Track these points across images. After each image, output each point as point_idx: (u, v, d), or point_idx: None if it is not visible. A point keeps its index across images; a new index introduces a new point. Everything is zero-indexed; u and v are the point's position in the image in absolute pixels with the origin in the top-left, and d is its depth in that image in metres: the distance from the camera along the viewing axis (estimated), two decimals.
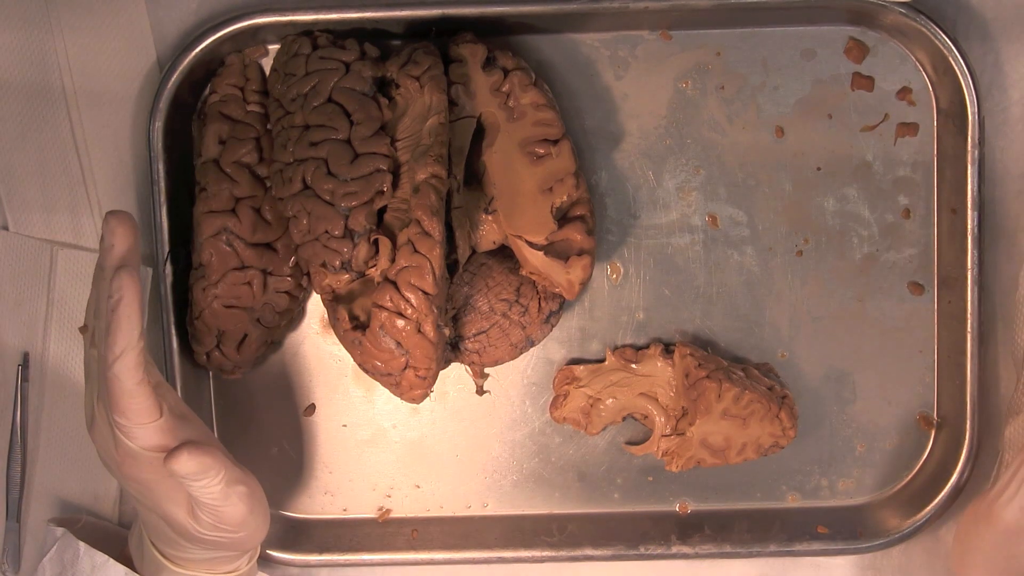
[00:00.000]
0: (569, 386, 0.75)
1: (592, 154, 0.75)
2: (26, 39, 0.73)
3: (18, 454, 0.73)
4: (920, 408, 0.76)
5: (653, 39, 0.74)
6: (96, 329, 0.59)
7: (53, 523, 0.73)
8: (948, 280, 0.74)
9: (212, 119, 0.71)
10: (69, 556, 0.70)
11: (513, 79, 0.69)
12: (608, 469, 0.77)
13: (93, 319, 0.60)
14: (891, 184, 0.75)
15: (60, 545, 0.70)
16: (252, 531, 0.64)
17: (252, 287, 0.70)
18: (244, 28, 0.71)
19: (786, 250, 0.75)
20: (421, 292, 0.64)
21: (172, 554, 0.65)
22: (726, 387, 0.70)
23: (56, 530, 0.71)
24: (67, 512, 0.76)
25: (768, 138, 0.75)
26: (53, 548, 0.71)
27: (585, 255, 0.69)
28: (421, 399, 0.68)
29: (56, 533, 0.71)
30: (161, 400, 0.59)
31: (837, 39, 0.74)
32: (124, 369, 0.56)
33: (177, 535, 0.63)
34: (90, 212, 0.74)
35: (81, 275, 0.74)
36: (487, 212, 0.70)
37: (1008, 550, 0.62)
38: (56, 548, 0.71)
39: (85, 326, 0.61)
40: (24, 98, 0.73)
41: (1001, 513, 0.61)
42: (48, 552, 0.71)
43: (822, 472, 0.77)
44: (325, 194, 0.65)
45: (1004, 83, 0.74)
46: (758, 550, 0.75)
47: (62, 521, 0.73)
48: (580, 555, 0.75)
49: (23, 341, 0.74)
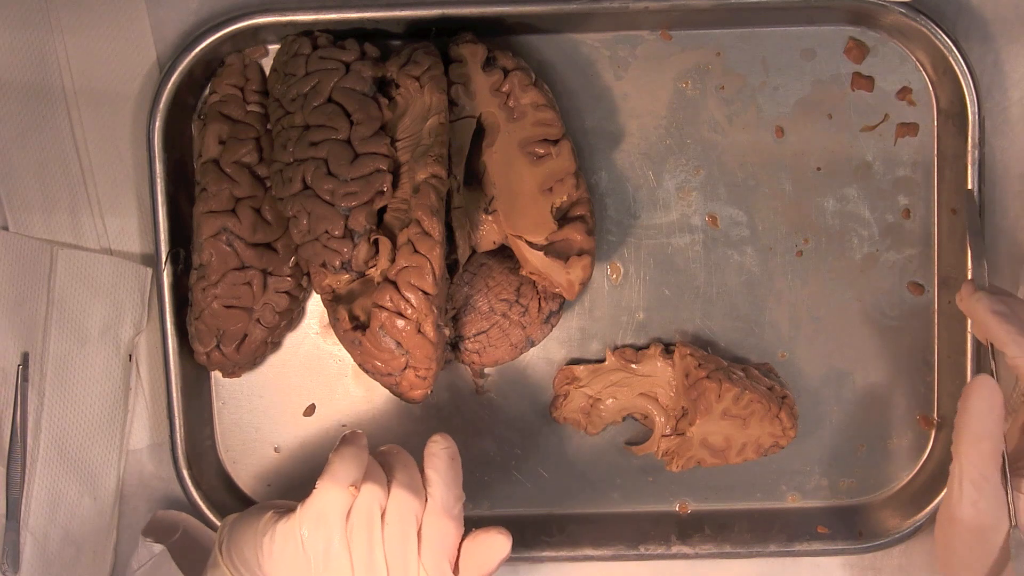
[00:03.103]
0: (569, 386, 0.75)
1: (592, 154, 0.75)
2: (26, 39, 0.73)
3: (18, 454, 0.73)
4: (920, 408, 0.76)
5: (653, 39, 0.74)
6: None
7: (150, 536, 0.73)
8: (948, 280, 0.75)
9: (212, 119, 0.71)
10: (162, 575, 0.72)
11: (513, 79, 0.69)
12: (608, 469, 0.77)
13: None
14: (891, 184, 0.75)
15: (156, 562, 0.72)
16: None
17: (252, 287, 0.70)
18: (244, 28, 0.71)
19: (786, 250, 0.75)
20: (421, 292, 0.64)
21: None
22: (726, 387, 0.70)
23: (154, 547, 0.72)
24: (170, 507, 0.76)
25: (768, 138, 0.75)
26: (148, 564, 0.72)
27: (585, 255, 0.69)
28: (421, 399, 0.68)
29: (153, 550, 0.72)
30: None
31: (837, 39, 0.74)
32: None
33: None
34: (90, 212, 0.74)
35: (81, 275, 0.74)
36: (487, 212, 0.70)
37: (978, 546, 0.63)
38: (151, 564, 0.72)
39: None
40: (24, 98, 0.73)
41: (958, 514, 0.63)
42: (142, 567, 0.73)
43: (822, 472, 0.77)
44: (325, 194, 0.65)
45: (1004, 83, 0.74)
46: (758, 550, 0.75)
47: (158, 528, 0.74)
48: (580, 555, 0.75)
49: (23, 341, 0.73)
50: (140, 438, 0.76)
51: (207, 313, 0.70)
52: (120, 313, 0.74)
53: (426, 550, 0.62)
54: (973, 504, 0.62)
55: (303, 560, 0.61)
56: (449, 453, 0.65)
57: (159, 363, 0.74)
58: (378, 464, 0.64)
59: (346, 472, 0.62)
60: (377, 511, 0.62)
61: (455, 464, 0.65)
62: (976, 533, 0.63)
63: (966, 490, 0.62)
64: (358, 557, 0.61)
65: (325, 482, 0.62)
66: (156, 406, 0.76)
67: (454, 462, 0.65)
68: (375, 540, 0.62)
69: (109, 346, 0.74)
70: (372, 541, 0.61)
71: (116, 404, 0.75)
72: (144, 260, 0.75)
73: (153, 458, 0.76)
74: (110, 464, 0.75)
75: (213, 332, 0.71)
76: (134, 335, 0.75)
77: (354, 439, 0.64)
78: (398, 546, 0.62)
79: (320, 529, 0.61)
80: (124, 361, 0.75)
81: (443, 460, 0.65)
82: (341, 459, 0.62)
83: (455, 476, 0.64)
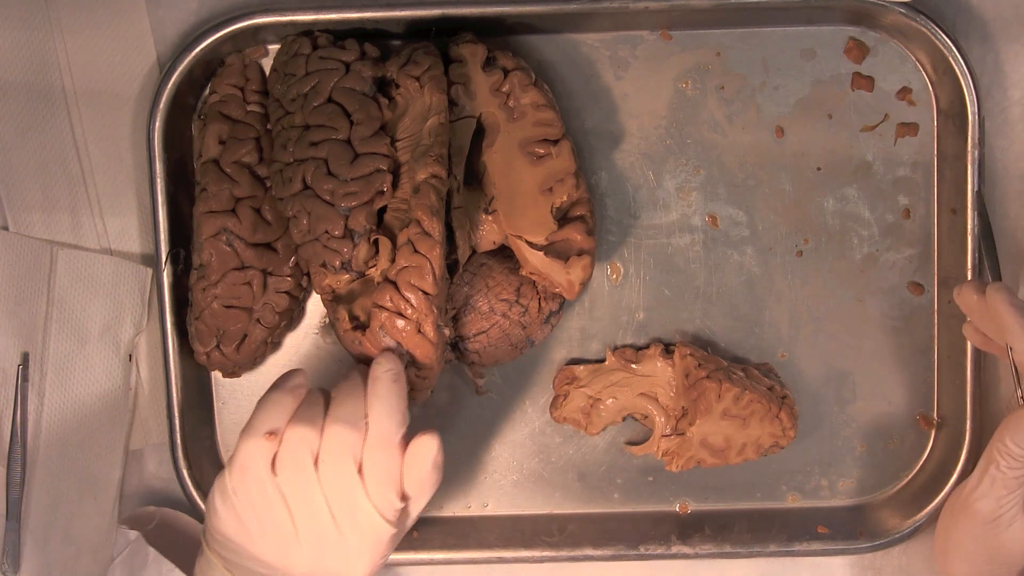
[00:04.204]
0: (569, 386, 0.75)
1: (592, 154, 0.75)
2: (26, 39, 0.73)
3: (18, 454, 0.73)
4: (920, 408, 0.76)
5: (653, 39, 0.74)
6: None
7: (126, 524, 0.73)
8: (948, 280, 0.75)
9: (212, 119, 0.71)
10: (139, 561, 0.71)
11: (513, 79, 0.69)
12: (608, 469, 0.77)
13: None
14: (891, 184, 0.75)
15: (132, 549, 0.71)
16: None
17: (252, 287, 0.70)
18: (244, 28, 0.71)
19: (786, 250, 0.75)
20: (421, 292, 0.64)
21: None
22: (726, 387, 0.70)
23: (129, 533, 0.72)
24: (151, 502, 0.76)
25: (768, 138, 0.75)
26: (125, 551, 0.71)
27: (585, 255, 0.69)
28: (421, 399, 0.68)
29: (129, 536, 0.71)
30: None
31: (837, 39, 0.74)
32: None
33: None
34: (90, 212, 0.74)
35: (81, 275, 0.74)
36: (487, 212, 0.70)
37: (985, 540, 0.66)
38: (128, 552, 0.71)
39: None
40: (24, 98, 0.73)
41: (977, 506, 0.65)
42: (120, 555, 0.72)
43: (822, 472, 0.77)
44: (325, 194, 0.65)
45: (1004, 83, 0.74)
46: (758, 550, 0.75)
47: (136, 520, 0.73)
48: (580, 555, 0.75)
49: (23, 341, 0.73)
50: (140, 438, 0.76)
51: (207, 313, 0.70)
52: (120, 313, 0.74)
53: (370, 485, 0.60)
54: (997, 500, 0.65)
55: (240, 517, 0.60)
56: (391, 375, 0.62)
57: (159, 363, 0.74)
58: (319, 400, 0.62)
59: (262, 420, 0.60)
60: (306, 454, 0.59)
61: (396, 386, 0.62)
62: (987, 528, 0.65)
63: (996, 488, 0.64)
64: (296, 504, 0.59)
65: (242, 435, 0.60)
66: (156, 406, 0.76)
67: (396, 384, 0.61)
68: (311, 484, 0.59)
69: (109, 346, 0.74)
70: (308, 485, 0.59)
71: (116, 404, 0.75)
72: (144, 260, 0.75)
73: (153, 458, 0.76)
74: (110, 464, 0.75)
75: (213, 332, 0.71)
76: (134, 335, 0.75)
77: (283, 381, 0.62)
78: (338, 486, 0.59)
79: (244, 484, 0.59)
80: (124, 361, 0.75)
81: (384, 384, 0.61)
82: (259, 408, 0.60)
83: (397, 400, 0.61)
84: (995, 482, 0.64)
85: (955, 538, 0.67)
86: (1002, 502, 0.65)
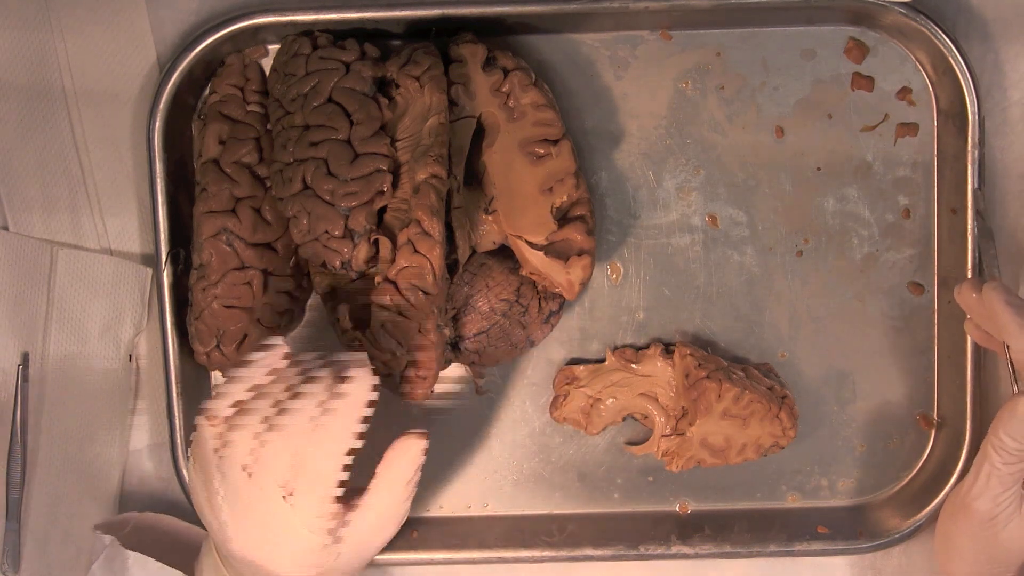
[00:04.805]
0: (569, 386, 0.75)
1: (592, 154, 0.75)
2: (26, 39, 0.73)
3: (18, 454, 0.73)
4: (920, 408, 0.76)
5: (653, 39, 0.74)
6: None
7: (100, 529, 0.72)
8: (948, 280, 0.75)
9: (212, 119, 0.71)
10: (118, 565, 0.70)
11: (513, 79, 0.69)
12: (608, 469, 0.77)
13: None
14: (891, 184, 0.75)
15: (108, 554, 0.70)
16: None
17: (252, 287, 0.70)
18: (244, 28, 0.71)
19: (786, 250, 0.75)
20: (421, 292, 0.64)
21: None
22: (726, 387, 0.70)
23: (104, 538, 0.71)
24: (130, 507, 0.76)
25: (768, 138, 0.75)
26: (101, 557, 0.71)
27: (585, 255, 0.69)
28: (422, 399, 0.68)
29: (104, 541, 0.71)
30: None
31: (837, 39, 0.74)
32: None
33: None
34: (90, 212, 0.74)
35: (81, 275, 0.74)
36: (487, 212, 0.70)
37: (984, 539, 0.66)
38: (104, 557, 0.70)
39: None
40: (24, 98, 0.73)
41: (974, 506, 0.66)
42: (96, 561, 0.71)
43: (822, 472, 0.77)
44: (325, 194, 0.65)
45: (1004, 83, 0.74)
46: (758, 550, 0.75)
47: (110, 526, 0.73)
48: (580, 555, 0.75)
49: (23, 341, 0.73)
50: (140, 438, 0.76)
51: (207, 313, 0.70)
52: (120, 313, 0.74)
53: (298, 509, 0.57)
54: (994, 499, 0.65)
55: (195, 488, 0.60)
56: (359, 399, 0.58)
57: (159, 363, 0.74)
58: (283, 385, 0.58)
59: (218, 399, 0.58)
60: (236, 463, 0.56)
61: (356, 411, 0.57)
62: (986, 526, 0.66)
63: (992, 485, 0.65)
64: (230, 495, 0.57)
65: (200, 407, 0.58)
66: (156, 406, 0.76)
67: (355, 409, 0.57)
68: (241, 487, 0.57)
69: (109, 346, 0.75)
70: (238, 487, 0.57)
71: (116, 404, 0.75)
72: (144, 260, 0.75)
73: (153, 458, 0.76)
74: (110, 464, 0.75)
75: (213, 332, 0.71)
76: (134, 335, 0.75)
77: (255, 353, 0.59)
78: (266, 502, 0.57)
79: (194, 458, 0.59)
80: (124, 361, 0.75)
81: (347, 403, 0.57)
82: (223, 383, 0.58)
83: (352, 422, 0.57)
84: (991, 479, 0.65)
85: (954, 538, 0.68)
86: (999, 500, 0.65)
